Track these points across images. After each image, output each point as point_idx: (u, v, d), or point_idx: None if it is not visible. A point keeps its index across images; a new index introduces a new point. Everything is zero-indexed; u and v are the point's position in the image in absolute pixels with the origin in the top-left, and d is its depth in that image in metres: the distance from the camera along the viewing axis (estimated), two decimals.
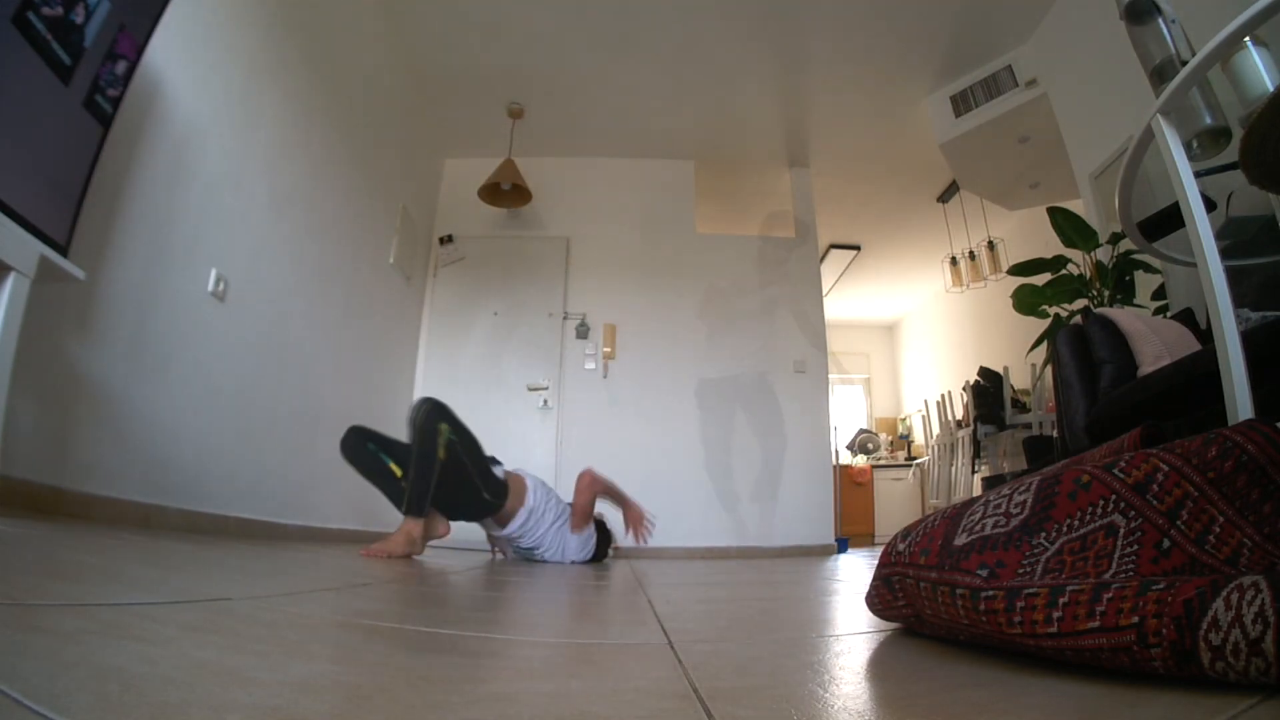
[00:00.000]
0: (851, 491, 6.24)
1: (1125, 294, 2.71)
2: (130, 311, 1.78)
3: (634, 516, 2.58)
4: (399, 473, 2.17)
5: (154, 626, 0.55)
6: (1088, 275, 2.78)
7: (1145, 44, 1.28)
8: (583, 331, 4.21)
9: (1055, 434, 3.03)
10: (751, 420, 4.12)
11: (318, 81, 2.76)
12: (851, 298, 6.94)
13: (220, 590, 0.88)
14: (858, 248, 5.87)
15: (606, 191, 4.53)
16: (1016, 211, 4.60)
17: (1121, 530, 0.62)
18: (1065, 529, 0.63)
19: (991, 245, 4.63)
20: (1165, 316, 2.24)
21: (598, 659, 0.62)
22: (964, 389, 4.76)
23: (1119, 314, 1.96)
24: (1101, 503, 0.63)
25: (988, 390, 4.36)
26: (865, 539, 5.99)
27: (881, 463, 6.75)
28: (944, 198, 4.99)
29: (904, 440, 7.14)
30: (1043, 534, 0.62)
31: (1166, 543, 0.61)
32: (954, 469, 4.89)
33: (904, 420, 7.40)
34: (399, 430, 2.27)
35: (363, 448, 2.23)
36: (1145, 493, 0.63)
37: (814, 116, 4.23)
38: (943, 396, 5.39)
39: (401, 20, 3.41)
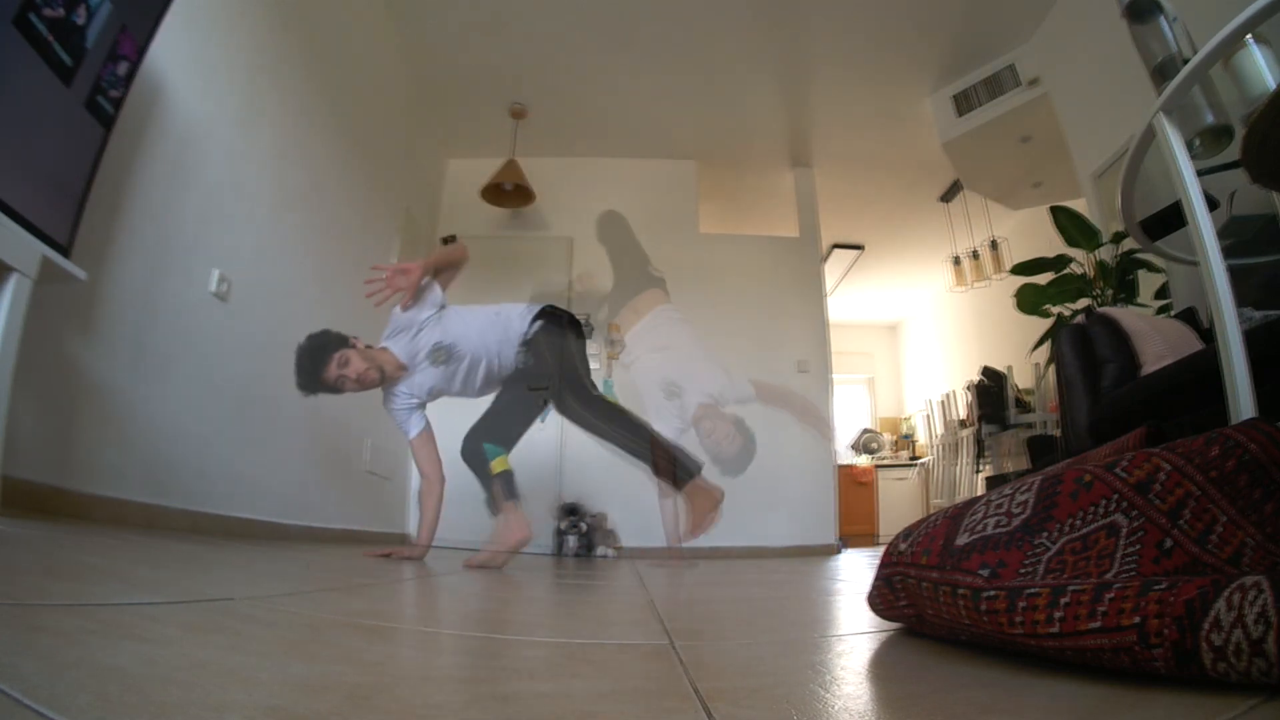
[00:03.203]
0: (854, 491, 6.23)
1: (1128, 293, 2.70)
2: (132, 312, 1.78)
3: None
4: None
5: (155, 626, 0.55)
6: (1090, 275, 2.77)
7: (1147, 42, 1.28)
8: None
9: (1058, 433, 3.02)
10: (753, 419, 4.11)
11: (320, 82, 2.76)
12: (854, 297, 6.93)
13: (222, 590, 0.88)
14: (861, 247, 5.86)
15: (609, 191, 4.52)
16: (1019, 211, 4.58)
17: (1123, 530, 0.61)
18: (1067, 529, 0.62)
19: (994, 245, 4.62)
20: (1168, 316, 2.23)
21: (599, 659, 0.62)
22: (967, 388, 4.76)
23: (1121, 313, 1.96)
24: (1103, 502, 0.63)
25: (991, 390, 4.35)
26: (868, 539, 5.97)
27: (884, 462, 6.74)
28: (946, 197, 4.98)
29: (907, 440, 7.12)
30: (1044, 534, 0.62)
31: (1168, 542, 0.61)
32: (957, 469, 4.89)
33: (907, 420, 7.38)
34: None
35: None
36: (1147, 492, 0.63)
37: (816, 116, 4.22)
38: (946, 396, 5.38)
39: (404, 21, 3.41)
